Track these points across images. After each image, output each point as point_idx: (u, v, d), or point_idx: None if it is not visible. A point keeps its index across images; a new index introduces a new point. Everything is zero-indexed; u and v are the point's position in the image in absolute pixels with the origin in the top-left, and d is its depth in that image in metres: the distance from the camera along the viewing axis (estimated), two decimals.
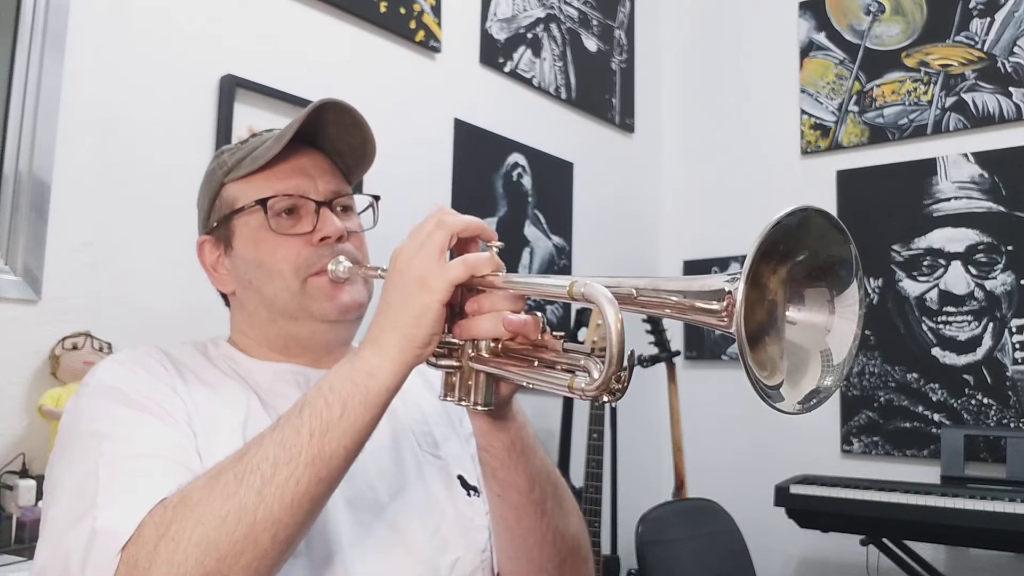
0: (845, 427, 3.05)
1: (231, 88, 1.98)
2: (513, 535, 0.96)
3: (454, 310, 0.82)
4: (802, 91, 3.31)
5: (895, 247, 3.02)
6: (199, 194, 1.07)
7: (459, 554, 0.96)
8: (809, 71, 3.30)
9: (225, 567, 0.70)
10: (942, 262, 2.94)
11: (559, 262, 3.02)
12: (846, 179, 3.17)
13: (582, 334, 2.64)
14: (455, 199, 2.60)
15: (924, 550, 2.59)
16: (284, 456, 0.73)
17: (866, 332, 3.06)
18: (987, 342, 2.83)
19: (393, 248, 1.03)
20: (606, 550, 2.70)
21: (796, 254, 0.66)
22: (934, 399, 2.90)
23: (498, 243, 0.82)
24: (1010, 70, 2.89)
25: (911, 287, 2.99)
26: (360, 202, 1.08)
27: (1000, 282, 2.83)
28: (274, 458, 0.73)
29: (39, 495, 1.48)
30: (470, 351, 0.82)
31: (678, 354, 2.98)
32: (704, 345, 3.44)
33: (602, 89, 3.33)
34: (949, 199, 2.95)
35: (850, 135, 3.18)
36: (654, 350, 2.92)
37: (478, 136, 2.71)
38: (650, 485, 3.24)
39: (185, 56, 1.93)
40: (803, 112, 3.30)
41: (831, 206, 3.18)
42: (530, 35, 2.97)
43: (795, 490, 2.55)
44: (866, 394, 3.02)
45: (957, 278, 2.91)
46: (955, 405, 2.86)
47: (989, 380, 2.81)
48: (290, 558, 0.81)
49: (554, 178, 3.04)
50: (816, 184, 3.22)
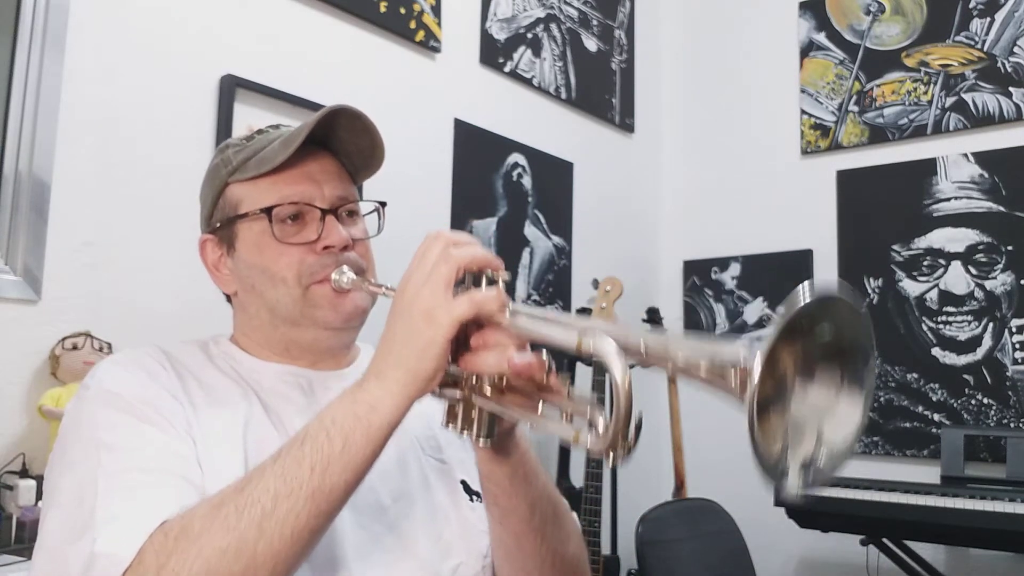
0: None
1: (231, 88, 1.98)
2: (512, 559, 0.95)
3: (459, 341, 0.80)
4: (802, 91, 3.31)
5: (895, 247, 3.02)
6: (202, 189, 1.05)
7: (461, 559, 0.96)
8: (809, 71, 3.30)
9: None
10: (942, 262, 2.94)
11: (559, 262, 3.02)
12: (846, 179, 3.17)
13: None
14: (455, 199, 2.60)
15: (924, 550, 2.59)
16: (285, 490, 0.73)
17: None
18: (987, 342, 2.83)
19: (393, 248, 1.02)
20: (606, 550, 2.70)
21: (816, 334, 0.63)
22: (934, 399, 2.90)
23: (505, 274, 0.81)
24: (1010, 70, 2.89)
25: (911, 287, 2.99)
26: (366, 205, 1.07)
27: (1000, 282, 2.83)
28: (275, 491, 0.73)
29: (39, 495, 1.48)
30: (473, 381, 0.81)
31: None
32: None
33: (602, 89, 3.33)
34: (949, 199, 2.95)
35: (850, 135, 3.18)
36: None
37: (478, 136, 2.71)
38: (650, 485, 3.23)
39: (185, 56, 1.93)
40: (803, 112, 3.30)
41: (831, 206, 3.19)
42: (530, 35, 2.97)
43: None
44: None
45: (957, 278, 2.91)
46: (955, 405, 2.86)
47: (989, 380, 2.81)
48: None
49: (554, 178, 3.04)
50: (816, 184, 3.22)
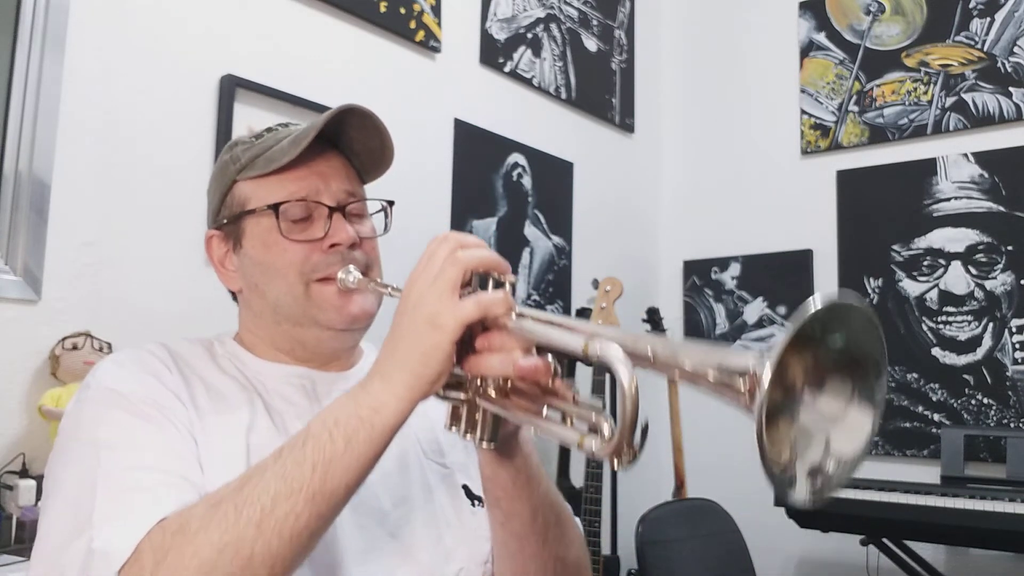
0: None
1: (231, 88, 1.98)
2: (514, 563, 0.95)
3: (464, 344, 0.80)
4: (802, 91, 3.31)
5: (895, 247, 3.02)
6: (209, 186, 1.05)
7: (462, 565, 0.95)
8: (809, 71, 3.30)
9: None
10: (942, 262, 2.94)
11: (559, 262, 3.02)
12: (846, 179, 3.17)
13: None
14: (455, 199, 2.60)
15: (924, 550, 2.59)
16: (285, 490, 0.72)
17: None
18: (987, 342, 2.83)
19: (394, 247, 1.02)
20: (606, 550, 2.70)
21: (828, 341, 0.63)
22: (934, 399, 2.90)
23: (512, 278, 0.81)
24: (1010, 70, 2.89)
25: (911, 287, 2.99)
26: (373, 204, 1.07)
27: (1000, 282, 2.83)
28: (275, 491, 0.72)
29: (39, 495, 1.48)
30: (478, 384, 0.80)
31: None
32: None
33: (602, 89, 3.33)
34: (949, 199, 2.95)
35: (850, 135, 3.18)
36: None
37: (478, 136, 2.71)
38: (650, 485, 3.23)
39: (185, 56, 1.93)
40: (803, 112, 3.30)
41: (831, 206, 3.19)
42: (530, 35, 2.97)
43: None
44: None
45: (957, 278, 2.91)
46: (955, 405, 2.86)
47: (989, 380, 2.81)
48: None
49: (554, 178, 3.04)
50: (816, 184, 3.22)
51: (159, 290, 1.81)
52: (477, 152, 2.71)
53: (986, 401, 2.81)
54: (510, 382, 0.79)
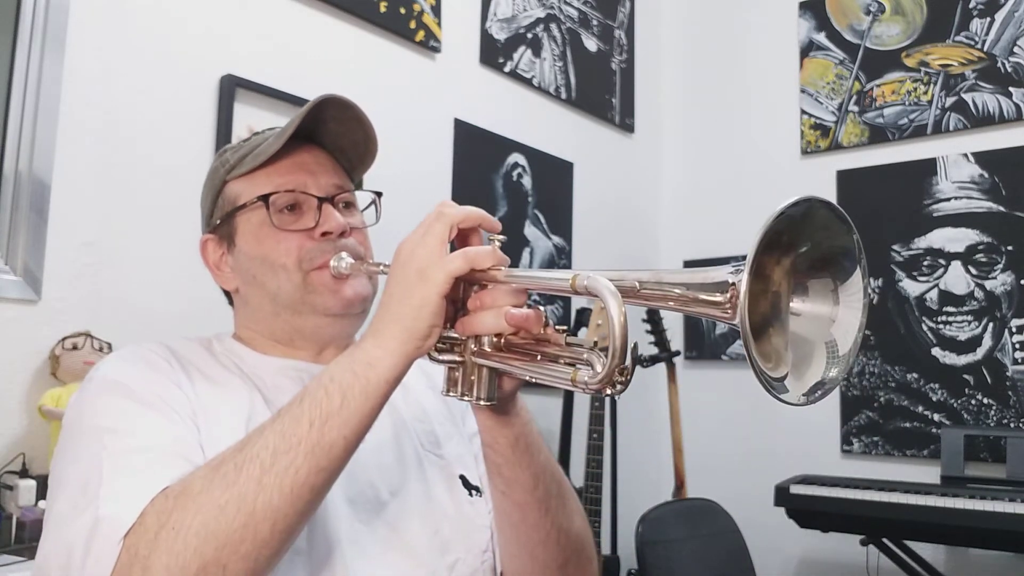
0: (845, 427, 3.05)
1: (231, 88, 1.98)
2: (517, 533, 0.95)
3: (457, 306, 0.82)
4: (802, 91, 3.31)
5: (895, 247, 3.02)
6: (202, 193, 1.07)
7: (459, 555, 0.96)
8: (809, 71, 3.30)
9: (224, 556, 0.70)
10: (942, 262, 2.94)
11: (559, 262, 3.02)
12: (846, 179, 3.17)
13: (582, 334, 2.64)
14: (455, 199, 2.56)
15: (924, 550, 2.59)
16: (284, 445, 0.73)
17: (866, 332, 3.05)
18: (987, 342, 2.83)
19: (394, 246, 1.03)
20: (606, 550, 2.70)
21: (799, 245, 0.65)
22: (934, 399, 2.90)
23: (501, 236, 0.82)
24: (1010, 70, 2.89)
25: (911, 287, 2.99)
26: (363, 199, 1.08)
27: (1000, 282, 2.83)
28: (274, 447, 0.73)
29: (39, 495, 1.48)
30: (472, 346, 0.81)
31: (678, 354, 2.98)
32: (704, 345, 3.44)
33: (602, 89, 3.33)
34: (949, 199, 2.95)
35: (850, 135, 3.18)
36: (654, 350, 2.92)
37: (478, 136, 2.71)
38: (650, 485, 3.24)
39: (185, 56, 1.93)
40: (803, 112, 3.30)
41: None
42: (530, 35, 2.97)
43: (795, 490, 2.55)
44: (866, 394, 3.02)
45: (957, 278, 2.91)
46: (955, 405, 2.86)
47: (989, 380, 2.81)
48: (292, 555, 0.81)
49: (554, 178, 3.04)
50: (816, 184, 3.21)
51: (159, 290, 1.81)
52: (477, 152, 2.71)
53: (986, 401, 2.81)
54: (504, 338, 0.80)
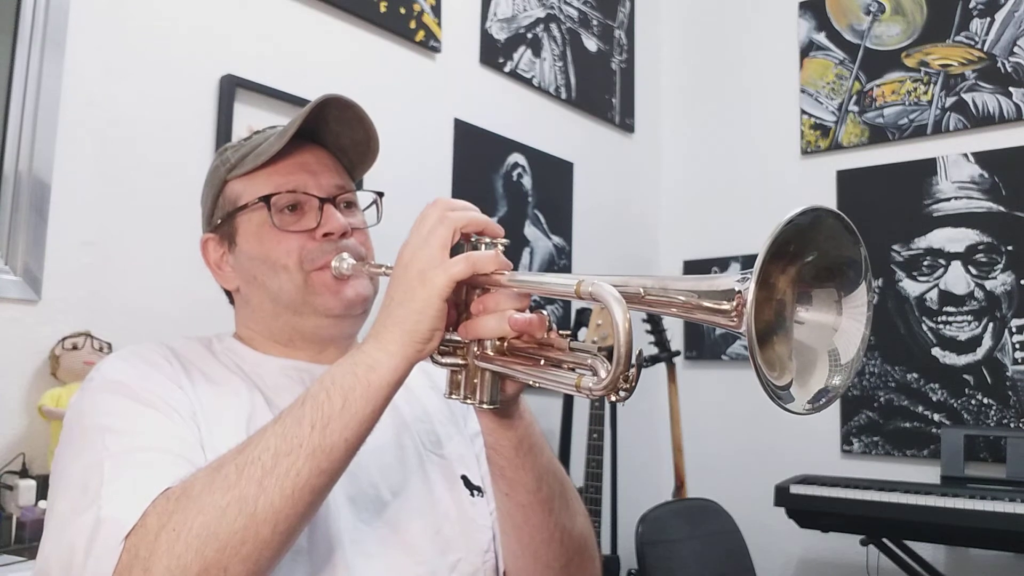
0: (845, 427, 3.05)
1: (231, 88, 1.98)
2: (520, 534, 0.95)
3: (459, 309, 0.81)
4: (802, 91, 3.31)
5: (895, 247, 3.02)
6: (203, 192, 1.07)
7: (461, 555, 0.96)
8: (809, 71, 3.30)
9: (225, 557, 0.70)
10: (942, 262, 2.94)
11: (559, 262, 3.02)
12: (846, 179, 3.17)
13: (582, 334, 2.64)
14: (455, 199, 2.59)
15: (924, 550, 2.59)
16: (285, 447, 0.73)
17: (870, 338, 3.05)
18: (987, 342, 2.83)
19: (395, 246, 1.03)
20: (606, 550, 2.70)
21: (806, 254, 0.66)
22: (934, 399, 2.90)
23: (504, 240, 0.82)
24: (1010, 70, 2.89)
25: (911, 287, 2.99)
26: (364, 198, 1.08)
27: (1000, 282, 2.83)
28: (275, 449, 0.73)
29: (39, 495, 1.48)
30: (475, 349, 0.81)
31: (678, 354, 2.98)
32: (704, 345, 3.44)
33: (602, 89, 3.33)
34: (949, 199, 2.95)
35: (850, 135, 3.18)
36: (654, 350, 2.92)
37: (478, 136, 2.71)
38: (650, 485, 3.24)
39: (185, 56, 1.93)
40: (803, 112, 3.30)
41: (831, 206, 3.18)
42: (530, 35, 2.97)
43: (795, 490, 2.55)
44: (866, 394, 3.02)
45: (957, 278, 2.91)
46: (955, 405, 2.86)
47: (989, 380, 2.81)
48: (293, 555, 0.81)
49: (554, 178, 3.04)
50: (816, 184, 3.22)
51: (159, 290, 1.81)
52: (477, 152, 2.71)
53: (986, 401, 2.81)
54: (507, 342, 0.80)
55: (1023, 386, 2.76)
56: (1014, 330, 2.79)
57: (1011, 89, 2.88)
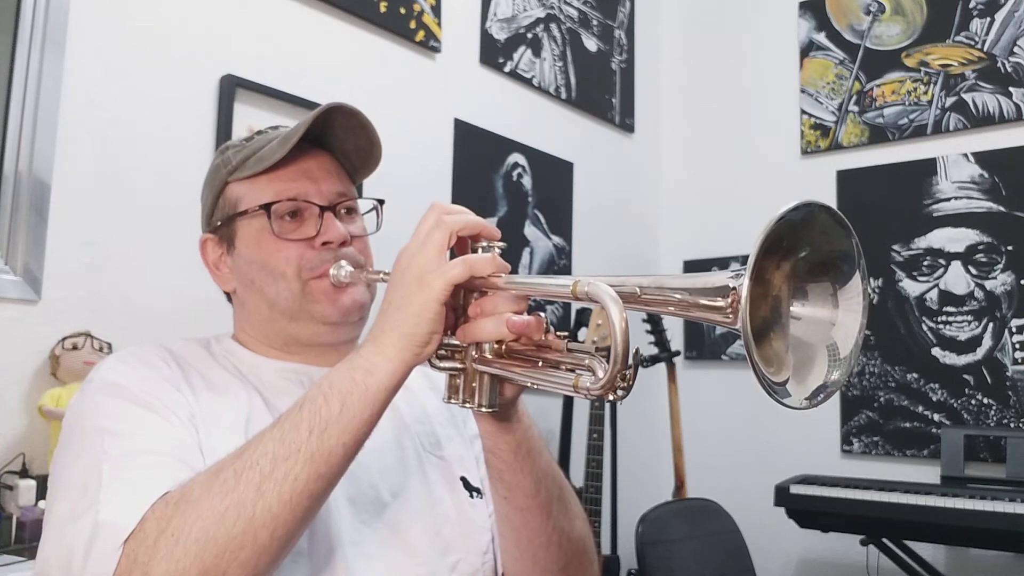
0: (845, 427, 3.05)
1: (231, 88, 1.98)
2: (519, 537, 0.95)
3: (457, 313, 0.82)
4: (802, 91, 3.31)
5: (895, 247, 3.02)
6: (203, 190, 1.06)
7: (460, 556, 0.96)
8: (809, 71, 3.30)
9: (224, 562, 0.70)
10: (942, 262, 2.94)
11: (559, 262, 3.02)
12: (846, 179, 3.17)
13: (582, 334, 2.64)
14: (455, 199, 2.59)
15: (924, 550, 2.59)
16: (283, 452, 0.73)
17: (866, 332, 3.05)
18: (987, 342, 2.83)
19: (394, 249, 1.03)
20: (606, 550, 2.70)
21: (799, 249, 0.66)
22: (934, 399, 2.90)
23: (500, 243, 0.82)
24: (1010, 70, 2.89)
25: (911, 287, 2.99)
26: (364, 203, 1.08)
27: (1000, 282, 2.83)
28: (273, 454, 0.73)
29: (39, 495, 1.48)
30: (473, 353, 0.81)
31: (678, 354, 2.98)
32: (704, 345, 3.44)
33: (602, 89, 3.33)
34: (949, 199, 2.95)
35: (850, 135, 3.18)
36: (654, 350, 2.92)
37: (478, 136, 2.71)
38: (650, 485, 3.24)
39: (185, 56, 1.93)
40: (803, 112, 3.30)
41: (823, 201, 3.18)
42: (530, 35, 2.97)
43: (795, 490, 2.55)
44: (866, 394, 3.02)
45: (957, 278, 2.91)
46: (955, 405, 2.86)
47: (989, 380, 2.81)
48: (293, 556, 0.81)
49: (554, 178, 3.04)
50: (816, 184, 3.22)
51: (159, 290, 1.81)
52: (477, 152, 2.71)
53: (986, 401, 2.81)
54: (505, 345, 0.80)
55: (1023, 386, 2.76)
56: (1014, 330, 2.79)
57: (1011, 89, 2.88)
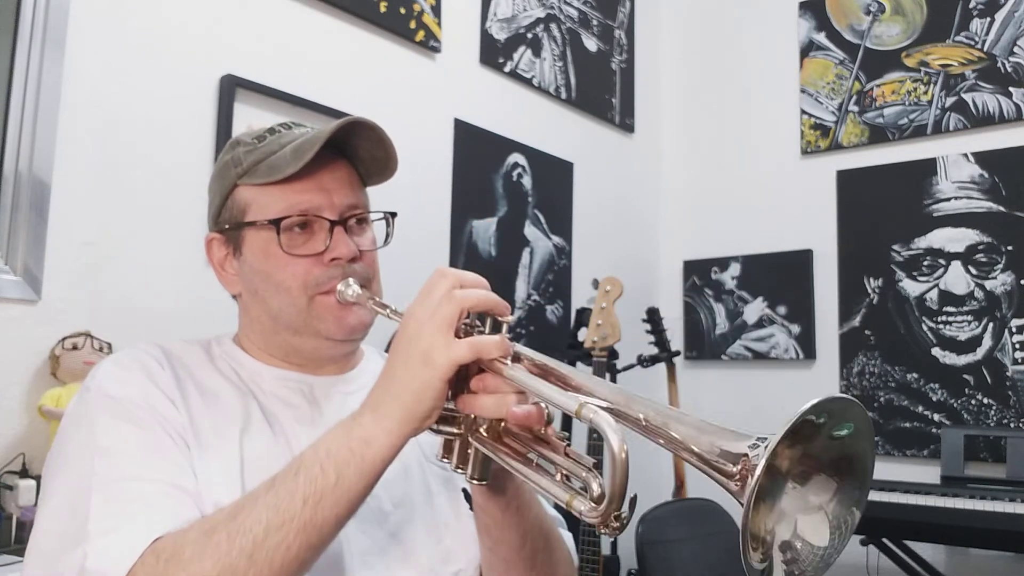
0: None
1: (231, 88, 1.98)
2: None
3: (460, 377, 0.80)
4: (802, 91, 3.31)
5: (895, 247, 3.02)
6: (211, 184, 1.04)
7: (461, 566, 0.96)
8: (809, 71, 3.30)
9: None
10: (942, 262, 2.94)
11: (559, 262, 3.02)
12: (846, 179, 3.17)
13: (582, 334, 2.64)
14: (455, 199, 2.60)
15: (924, 550, 2.59)
16: (277, 521, 0.73)
17: (866, 332, 3.06)
18: (987, 342, 2.83)
19: (392, 249, 1.02)
20: (606, 550, 2.70)
21: (818, 439, 0.64)
22: (934, 399, 2.90)
23: (510, 318, 0.81)
24: (1010, 70, 2.89)
25: (911, 287, 2.99)
26: (374, 212, 1.06)
27: (1000, 282, 2.83)
28: (267, 522, 0.73)
29: (39, 495, 1.48)
30: (472, 421, 0.81)
31: (678, 354, 2.98)
32: (704, 345, 3.44)
33: (602, 89, 3.33)
34: (949, 199, 2.95)
35: (850, 135, 3.18)
36: (654, 350, 2.92)
37: (478, 136, 2.71)
38: (650, 485, 3.23)
39: (185, 56, 1.93)
40: (803, 112, 3.30)
41: (831, 206, 3.19)
42: (530, 35, 2.97)
43: None
44: (866, 394, 3.02)
45: (957, 278, 2.91)
46: (955, 405, 2.86)
47: (989, 380, 2.81)
48: None
49: (554, 178, 3.04)
50: (816, 184, 3.22)
51: (159, 290, 1.81)
52: (477, 152, 2.71)
53: (986, 401, 2.81)
54: (503, 423, 0.80)
55: (1023, 386, 2.76)
56: (1014, 330, 2.79)
57: (1011, 89, 2.88)
